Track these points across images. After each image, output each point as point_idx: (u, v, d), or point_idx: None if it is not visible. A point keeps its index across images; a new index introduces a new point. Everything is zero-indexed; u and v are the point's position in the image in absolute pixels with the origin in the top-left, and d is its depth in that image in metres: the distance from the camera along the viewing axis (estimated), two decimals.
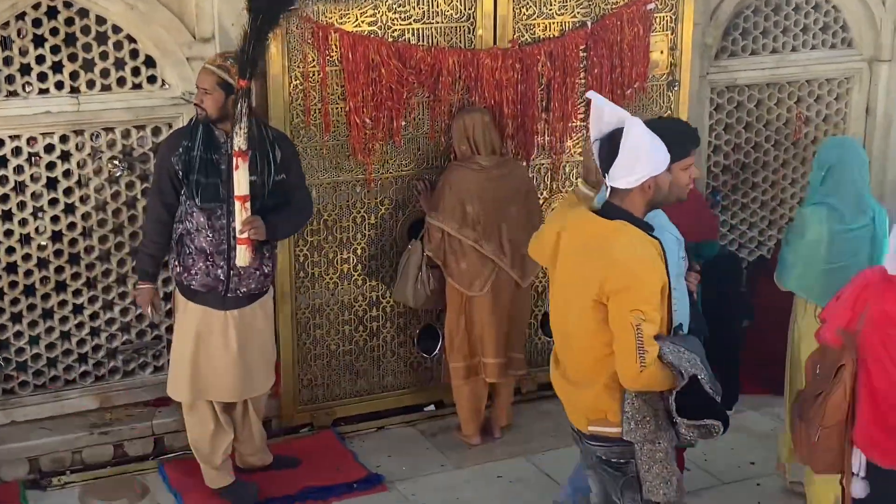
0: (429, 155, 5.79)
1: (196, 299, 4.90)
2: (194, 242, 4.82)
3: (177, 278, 4.93)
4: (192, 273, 4.84)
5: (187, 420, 5.11)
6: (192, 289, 4.88)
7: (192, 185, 4.78)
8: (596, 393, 3.73)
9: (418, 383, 6.07)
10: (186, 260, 4.84)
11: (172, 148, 4.86)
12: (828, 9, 6.81)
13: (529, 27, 5.82)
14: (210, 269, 4.83)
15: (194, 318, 4.91)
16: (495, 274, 5.49)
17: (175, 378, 5.02)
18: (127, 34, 5.42)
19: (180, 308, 4.99)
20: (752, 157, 6.85)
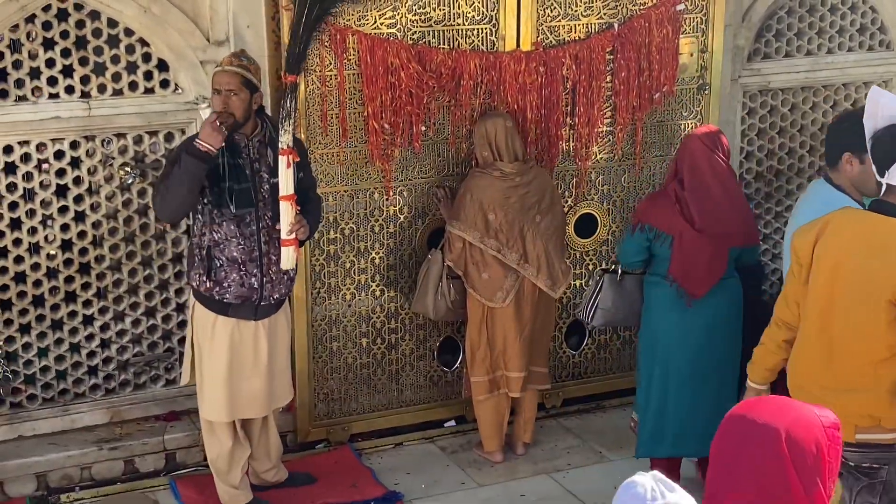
0: (449, 161, 5.64)
1: (228, 313, 4.74)
2: (224, 253, 4.67)
3: (205, 294, 4.72)
4: (224, 286, 4.69)
5: (208, 438, 4.96)
6: (224, 302, 4.72)
7: (224, 193, 4.62)
8: (875, 398, 3.55)
9: (438, 398, 5.92)
10: (218, 273, 4.67)
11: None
12: (865, 10, 6.62)
13: (554, 29, 5.65)
14: (244, 279, 4.69)
15: (225, 333, 4.76)
16: (518, 284, 5.34)
17: (211, 399, 4.83)
18: (139, 37, 5.31)
19: (206, 326, 4.77)
20: (786, 163, 6.67)
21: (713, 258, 4.92)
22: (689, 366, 5.00)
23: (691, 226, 4.90)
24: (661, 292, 5.03)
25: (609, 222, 6.01)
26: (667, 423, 5.07)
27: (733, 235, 4.98)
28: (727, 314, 5.04)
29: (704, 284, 4.93)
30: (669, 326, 5.01)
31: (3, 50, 5.12)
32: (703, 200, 4.92)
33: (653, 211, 5.00)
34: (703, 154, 4.95)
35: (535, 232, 5.34)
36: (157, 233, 5.52)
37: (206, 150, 4.49)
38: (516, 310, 5.36)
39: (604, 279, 5.30)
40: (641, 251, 5.03)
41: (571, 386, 6.17)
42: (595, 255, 6.03)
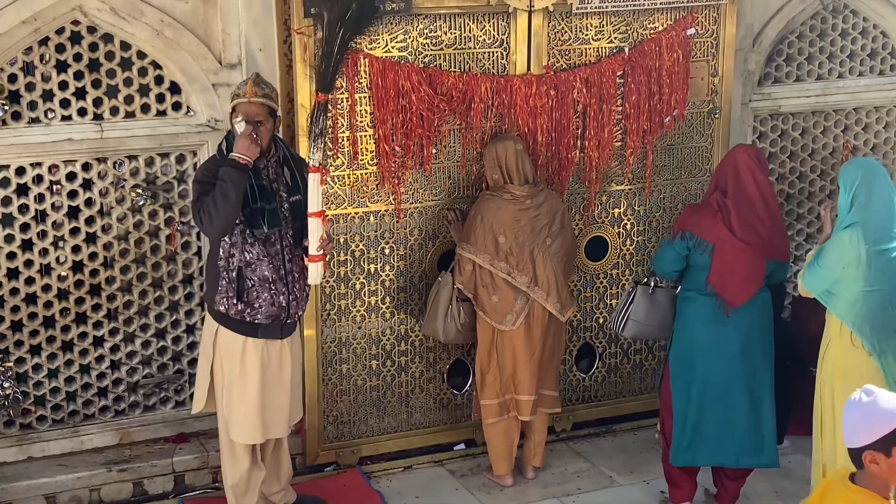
0: (460, 184, 5.63)
1: (258, 334, 4.73)
2: (256, 273, 4.67)
3: (234, 318, 4.69)
4: (255, 307, 4.68)
5: (229, 461, 4.90)
6: (254, 324, 4.71)
7: (256, 214, 4.63)
8: None
9: (448, 421, 5.89)
10: (249, 294, 4.67)
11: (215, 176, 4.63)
12: (876, 34, 6.62)
13: (565, 52, 5.66)
14: (274, 298, 4.70)
15: (256, 355, 4.74)
16: (529, 307, 5.32)
17: (243, 422, 4.78)
18: (152, 60, 5.33)
19: (235, 350, 4.73)
20: (797, 187, 6.65)
21: (751, 268, 5.00)
22: (726, 378, 5.08)
23: (732, 234, 4.96)
24: (696, 306, 5.09)
25: (620, 245, 6.00)
26: (704, 434, 5.13)
27: (771, 248, 5.06)
28: (761, 327, 5.12)
29: (742, 294, 5.01)
30: (706, 340, 5.07)
31: (17, 72, 5.15)
32: (744, 210, 5.00)
33: (694, 218, 5.06)
34: (746, 165, 5.04)
35: (545, 255, 5.33)
36: (168, 254, 5.53)
37: (245, 162, 4.56)
38: (526, 333, 5.34)
39: (636, 290, 5.34)
40: (680, 260, 5.09)
41: (582, 409, 6.14)
42: (606, 277, 6.01)
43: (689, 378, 5.11)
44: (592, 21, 5.67)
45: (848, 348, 4.71)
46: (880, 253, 4.65)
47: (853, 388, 4.69)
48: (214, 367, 4.81)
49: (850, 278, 4.67)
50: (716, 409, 5.10)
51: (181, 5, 5.26)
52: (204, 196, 4.59)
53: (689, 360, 5.12)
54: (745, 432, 5.12)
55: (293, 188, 4.76)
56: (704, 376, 5.09)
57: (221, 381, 4.79)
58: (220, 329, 4.75)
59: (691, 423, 5.13)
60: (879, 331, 4.67)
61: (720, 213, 5.00)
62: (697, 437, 5.13)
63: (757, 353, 5.11)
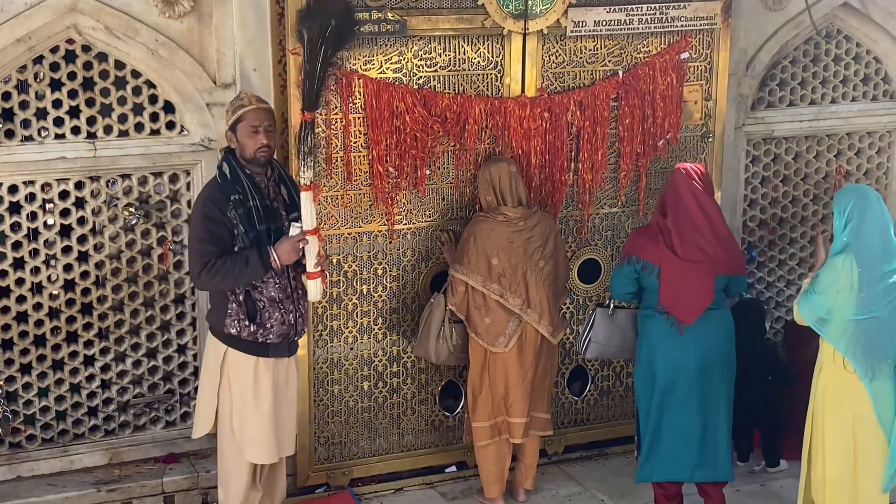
0: (453, 205, 5.64)
1: (269, 353, 4.71)
2: (264, 294, 4.65)
3: (247, 339, 4.65)
4: (267, 327, 4.66)
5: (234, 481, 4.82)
6: (266, 344, 4.69)
7: (263, 236, 4.61)
8: None
9: (439, 443, 5.87)
10: (262, 315, 4.64)
11: (222, 203, 4.58)
12: (869, 60, 6.65)
13: (559, 75, 5.67)
14: (284, 317, 4.70)
15: (268, 374, 4.72)
16: (521, 329, 5.31)
17: (258, 442, 4.74)
18: (146, 79, 5.34)
19: (247, 372, 4.69)
20: (789, 211, 6.66)
21: (699, 286, 5.04)
22: (683, 394, 5.12)
23: (675, 254, 5.02)
24: (654, 324, 5.15)
25: (612, 268, 6.00)
26: (661, 449, 5.17)
27: (718, 264, 5.07)
28: (720, 345, 5.16)
29: (693, 312, 5.05)
30: (664, 356, 5.12)
31: (11, 90, 5.15)
32: (685, 228, 5.04)
33: (639, 242, 5.14)
34: (684, 183, 5.08)
35: (538, 277, 5.32)
36: (160, 273, 5.52)
37: (277, 266, 4.56)
38: (518, 355, 5.33)
39: (595, 312, 5.37)
40: (631, 283, 5.16)
41: (573, 432, 6.12)
42: (598, 300, 6.01)
43: (650, 396, 5.17)
44: (587, 44, 5.69)
45: (840, 373, 4.72)
46: (874, 279, 4.65)
47: (843, 413, 4.73)
48: (222, 390, 4.73)
49: (843, 303, 4.67)
50: (672, 424, 5.15)
51: (176, 25, 5.27)
52: (209, 242, 4.51)
53: (649, 378, 5.18)
54: (699, 448, 5.16)
55: (291, 206, 4.76)
56: (662, 393, 5.14)
57: (230, 404, 4.72)
58: (229, 352, 4.69)
59: (650, 440, 5.18)
60: (871, 357, 4.66)
61: (661, 235, 5.06)
62: (654, 453, 5.18)
63: (715, 370, 5.14)
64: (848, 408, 4.74)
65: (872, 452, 4.73)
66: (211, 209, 4.57)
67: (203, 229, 4.57)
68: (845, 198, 4.78)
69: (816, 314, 4.74)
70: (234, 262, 4.53)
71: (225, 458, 4.84)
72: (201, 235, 4.57)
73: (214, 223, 4.56)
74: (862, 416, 4.70)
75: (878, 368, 4.66)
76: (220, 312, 4.68)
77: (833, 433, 4.76)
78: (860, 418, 4.71)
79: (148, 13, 5.22)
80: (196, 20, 5.31)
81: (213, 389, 4.76)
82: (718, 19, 5.87)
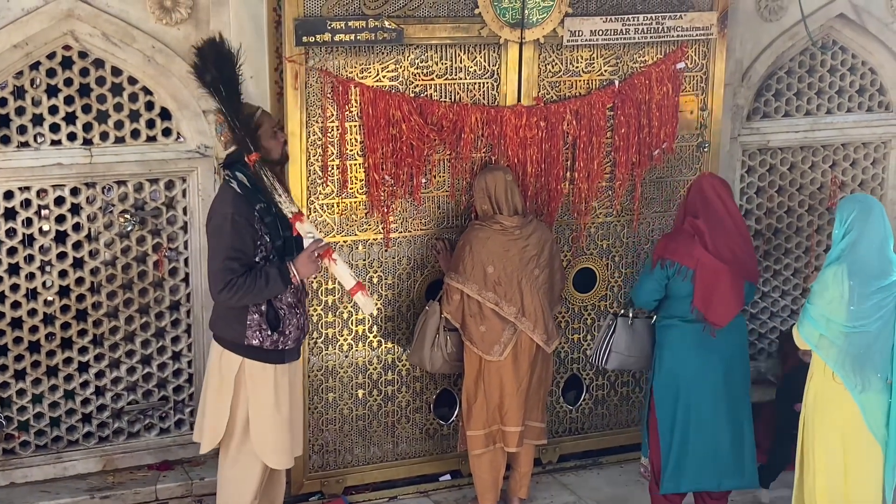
0: (449, 214, 5.64)
1: (286, 358, 4.70)
2: (282, 301, 4.63)
3: (270, 348, 4.60)
4: (287, 334, 4.64)
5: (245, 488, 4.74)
6: (284, 350, 4.67)
7: (286, 244, 4.60)
8: None
9: (434, 451, 5.86)
10: (283, 324, 4.61)
11: (247, 214, 4.50)
12: (864, 71, 6.67)
13: (555, 84, 5.68)
14: (299, 321, 4.70)
15: (285, 381, 4.70)
16: (516, 338, 5.31)
17: (279, 448, 4.71)
18: (143, 86, 5.35)
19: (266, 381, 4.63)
20: (784, 221, 6.67)
21: (733, 287, 5.06)
22: (710, 404, 5.13)
23: (710, 255, 5.03)
24: (677, 333, 5.14)
25: (608, 277, 6.00)
26: (688, 459, 5.16)
27: (745, 268, 5.13)
28: (741, 350, 5.20)
29: (727, 314, 5.06)
30: (689, 366, 5.11)
31: (7, 96, 5.15)
32: (718, 230, 5.06)
33: (672, 246, 5.10)
34: (713, 189, 5.13)
35: (533, 285, 5.32)
36: (155, 280, 5.52)
37: (297, 281, 4.54)
38: (514, 363, 5.33)
39: (617, 322, 5.36)
40: (660, 289, 5.14)
41: (568, 441, 6.12)
42: (594, 309, 6.01)
43: (674, 406, 5.15)
44: (583, 53, 5.70)
45: (829, 383, 4.73)
46: (865, 293, 4.65)
47: (832, 423, 4.73)
48: (237, 401, 4.64)
49: (834, 314, 4.67)
50: (699, 435, 5.14)
51: (173, 32, 5.28)
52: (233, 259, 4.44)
53: (672, 388, 5.15)
54: (727, 456, 5.18)
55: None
56: (688, 403, 5.13)
57: (244, 416, 4.66)
58: (245, 363, 4.61)
59: (675, 451, 5.16)
60: (861, 369, 4.67)
61: (696, 237, 5.06)
62: (681, 463, 5.17)
63: (738, 376, 5.18)
64: (837, 418, 4.74)
65: (863, 462, 4.74)
66: (239, 221, 4.46)
67: (230, 245, 4.46)
68: (848, 207, 4.75)
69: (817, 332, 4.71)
70: (254, 280, 4.46)
71: (234, 469, 4.74)
72: (227, 251, 4.46)
73: (241, 237, 4.47)
74: (851, 426, 4.71)
75: (867, 381, 4.67)
76: (236, 325, 4.57)
77: (823, 442, 4.77)
78: (850, 428, 4.72)
79: (145, 20, 5.23)
80: (193, 27, 5.31)
81: (225, 403, 4.64)
82: (714, 29, 5.88)
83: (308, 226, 4.59)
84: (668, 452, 5.17)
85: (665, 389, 5.17)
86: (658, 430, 5.20)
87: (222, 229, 4.47)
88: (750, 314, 6.71)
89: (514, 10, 5.50)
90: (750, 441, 5.24)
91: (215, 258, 4.49)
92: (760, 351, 6.82)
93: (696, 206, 5.12)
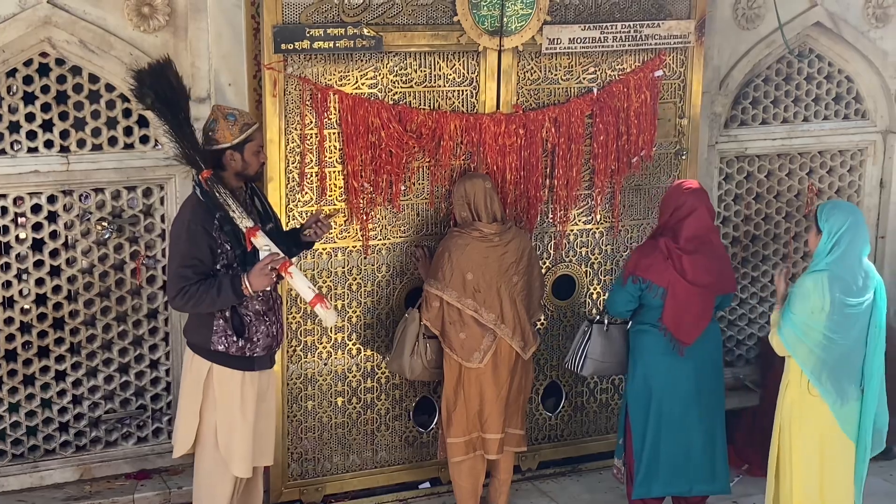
0: (428, 221, 5.64)
1: (255, 367, 4.68)
2: (249, 308, 4.61)
3: (236, 354, 4.60)
4: (254, 341, 4.63)
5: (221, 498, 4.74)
6: (252, 358, 4.65)
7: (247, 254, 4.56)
8: None
9: (413, 459, 5.85)
10: (249, 330, 4.60)
11: (206, 222, 4.49)
12: (841, 79, 6.72)
13: (534, 92, 5.69)
14: (268, 329, 4.68)
15: (253, 388, 4.68)
16: (496, 345, 5.31)
17: (244, 456, 4.68)
18: (120, 93, 5.31)
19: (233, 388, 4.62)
20: (762, 228, 6.70)
21: (702, 307, 5.11)
22: (682, 409, 5.16)
23: (683, 278, 5.03)
24: (651, 339, 5.18)
25: (587, 284, 6.01)
26: (660, 464, 5.19)
27: (720, 285, 5.17)
28: (713, 357, 5.24)
29: (694, 332, 5.11)
30: (661, 372, 5.15)
31: None
32: (695, 254, 5.07)
33: (644, 263, 5.12)
34: (701, 202, 5.14)
35: (512, 293, 5.33)
36: (133, 288, 5.49)
37: (249, 293, 4.50)
38: (493, 370, 5.33)
39: (592, 329, 5.39)
40: (633, 300, 5.18)
41: (547, 449, 6.12)
42: (573, 316, 6.02)
43: (647, 411, 5.20)
44: (562, 61, 5.71)
45: (804, 394, 4.75)
46: (845, 304, 4.66)
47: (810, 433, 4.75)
48: (205, 408, 4.64)
49: (814, 322, 4.69)
50: (671, 441, 5.18)
51: (151, 39, 5.26)
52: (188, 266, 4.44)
53: (645, 394, 5.20)
54: (699, 461, 5.22)
55: (265, 217, 4.75)
56: (660, 409, 5.18)
57: (214, 422, 4.65)
58: (214, 368, 4.61)
59: (647, 455, 5.20)
60: (838, 381, 4.68)
61: (671, 259, 5.07)
62: (653, 468, 5.20)
63: (710, 383, 5.22)
64: (815, 427, 4.76)
65: (839, 470, 4.76)
66: (194, 229, 4.47)
67: (185, 252, 4.47)
68: (839, 218, 4.70)
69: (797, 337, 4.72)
70: (207, 289, 4.46)
71: (206, 476, 4.74)
72: (182, 259, 4.47)
73: (196, 245, 4.47)
74: (829, 433, 4.73)
75: (844, 394, 4.69)
76: (204, 330, 4.59)
77: (800, 451, 4.78)
78: (827, 438, 4.73)
79: (122, 27, 5.21)
80: (171, 34, 5.30)
81: (194, 408, 4.65)
82: (692, 38, 5.91)
83: (263, 239, 4.54)
84: (640, 457, 5.22)
85: (638, 395, 5.21)
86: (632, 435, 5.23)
87: (179, 236, 4.51)
88: (727, 321, 6.74)
89: (493, 17, 5.51)
90: (722, 447, 5.28)
91: (171, 264, 4.54)
92: (738, 357, 6.85)
93: (678, 225, 5.11)
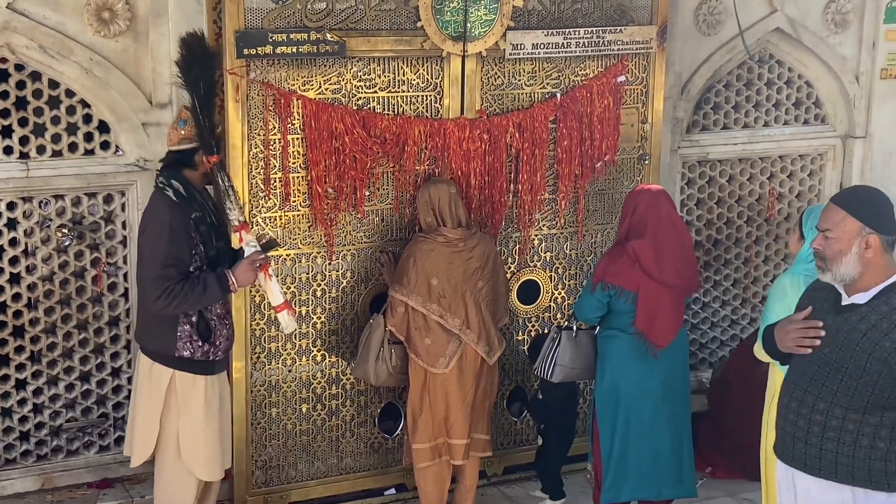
0: (393, 226, 5.62)
1: (216, 369, 4.66)
2: (213, 312, 4.60)
3: (201, 359, 4.56)
4: (217, 344, 4.61)
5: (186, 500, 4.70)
6: (214, 361, 4.63)
7: (221, 255, 4.59)
8: None
9: (378, 465, 5.83)
10: (212, 335, 4.58)
11: (184, 223, 4.48)
12: (800, 84, 6.78)
13: (498, 97, 5.70)
14: (227, 332, 4.68)
15: (215, 391, 4.66)
16: (461, 350, 5.30)
17: (211, 460, 4.66)
18: (81, 98, 5.27)
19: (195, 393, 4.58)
20: (724, 233, 6.75)
21: (674, 308, 5.13)
22: (650, 413, 5.18)
23: (652, 280, 5.05)
24: (620, 344, 5.18)
25: (552, 289, 6.03)
26: (628, 468, 5.21)
27: (689, 285, 5.21)
28: (681, 361, 5.27)
29: (669, 334, 5.12)
30: (630, 377, 5.16)
31: None
32: (662, 255, 5.09)
33: (613, 269, 5.12)
34: (664, 205, 5.16)
35: (477, 298, 5.32)
36: (94, 296, 5.43)
37: (234, 289, 4.52)
38: (459, 376, 5.32)
39: (561, 335, 5.39)
40: (602, 307, 5.19)
41: (513, 453, 6.12)
42: (538, 321, 6.03)
43: (615, 415, 5.21)
44: (525, 66, 5.73)
45: None
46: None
47: None
48: (166, 415, 4.59)
49: None
50: (640, 445, 5.20)
51: (111, 44, 5.22)
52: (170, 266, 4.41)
53: (613, 398, 5.21)
54: (667, 465, 5.24)
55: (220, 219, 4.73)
56: (628, 413, 5.19)
57: (175, 429, 4.60)
58: (177, 375, 4.56)
59: (616, 460, 5.21)
60: None
61: (638, 263, 5.08)
62: (621, 473, 5.21)
63: (678, 387, 5.24)
64: None
65: None
66: (176, 229, 4.45)
67: (167, 252, 4.43)
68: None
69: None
70: (192, 287, 4.43)
71: (169, 484, 4.68)
72: (164, 259, 4.43)
73: (178, 245, 4.45)
74: None
75: None
76: (167, 336, 4.52)
77: None
78: None
79: (83, 32, 5.16)
80: (132, 39, 5.26)
81: (154, 416, 4.59)
82: (654, 43, 5.94)
83: (251, 236, 4.57)
84: (608, 462, 5.23)
85: (606, 399, 5.22)
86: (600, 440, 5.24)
87: (160, 237, 4.45)
88: (691, 324, 6.78)
89: (457, 23, 5.51)
90: (689, 450, 5.31)
91: (152, 266, 4.46)
92: (702, 361, 6.89)
93: (645, 226, 5.12)
